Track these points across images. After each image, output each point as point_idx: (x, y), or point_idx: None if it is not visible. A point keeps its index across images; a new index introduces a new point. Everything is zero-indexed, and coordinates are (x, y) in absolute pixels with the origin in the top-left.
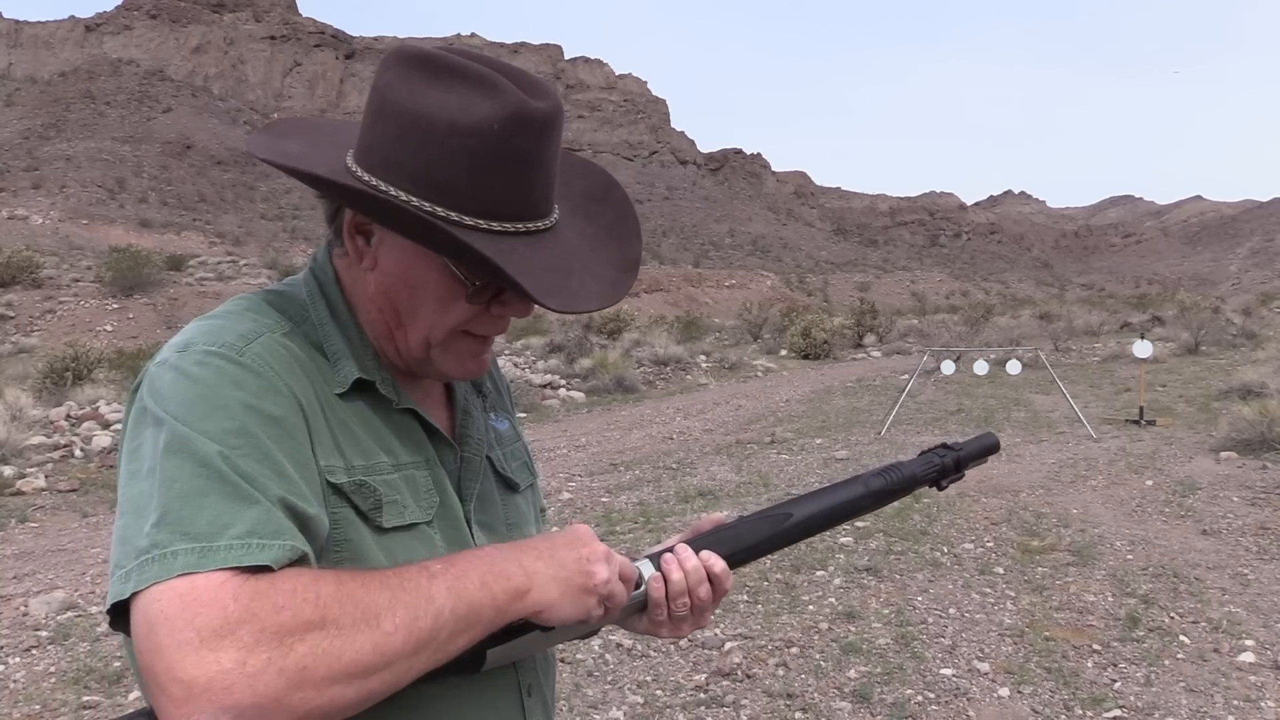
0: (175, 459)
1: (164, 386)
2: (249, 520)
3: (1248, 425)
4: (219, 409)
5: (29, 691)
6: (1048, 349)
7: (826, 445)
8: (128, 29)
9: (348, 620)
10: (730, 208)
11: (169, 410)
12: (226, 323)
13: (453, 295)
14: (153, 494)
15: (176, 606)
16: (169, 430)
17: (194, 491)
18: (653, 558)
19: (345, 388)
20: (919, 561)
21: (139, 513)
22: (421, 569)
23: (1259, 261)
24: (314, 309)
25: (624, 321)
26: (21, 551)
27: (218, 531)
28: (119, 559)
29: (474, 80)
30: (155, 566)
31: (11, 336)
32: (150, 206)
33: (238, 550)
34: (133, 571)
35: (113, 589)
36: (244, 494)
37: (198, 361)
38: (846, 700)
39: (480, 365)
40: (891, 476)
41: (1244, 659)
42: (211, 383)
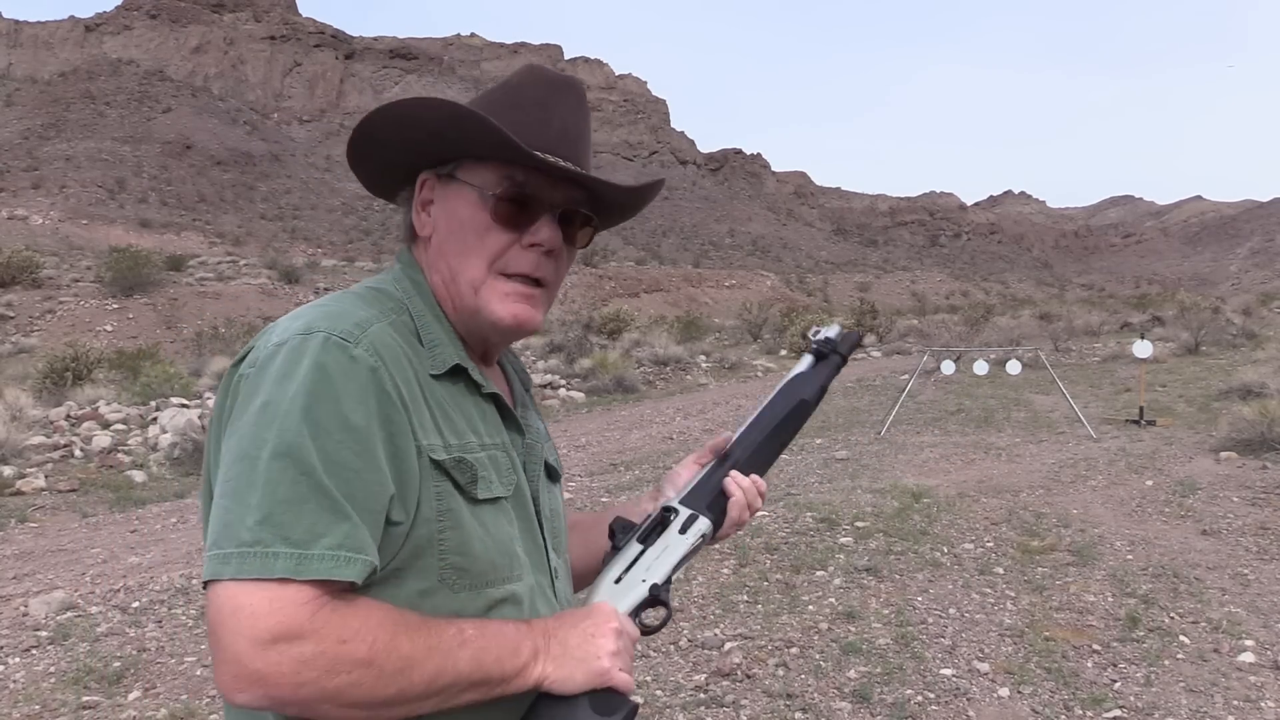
0: (282, 463)
1: (283, 370)
2: (340, 534)
3: (1248, 425)
4: (330, 413)
5: (29, 691)
6: (1048, 349)
7: (826, 445)
8: (127, 29)
9: (389, 668)
10: (730, 208)
11: (283, 403)
12: (344, 308)
13: (486, 223)
14: (257, 487)
15: (264, 607)
16: (279, 430)
17: (295, 498)
18: (689, 499)
19: (443, 370)
20: (919, 561)
21: (241, 501)
22: (457, 632)
23: (1259, 261)
24: (412, 303)
25: (624, 321)
26: (21, 551)
27: (313, 540)
28: (217, 539)
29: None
30: (256, 562)
31: (11, 336)
32: (150, 206)
33: (328, 562)
34: (233, 557)
35: (212, 566)
36: (338, 508)
37: (317, 348)
38: (846, 700)
39: (528, 311)
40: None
41: (1244, 659)
42: (327, 379)
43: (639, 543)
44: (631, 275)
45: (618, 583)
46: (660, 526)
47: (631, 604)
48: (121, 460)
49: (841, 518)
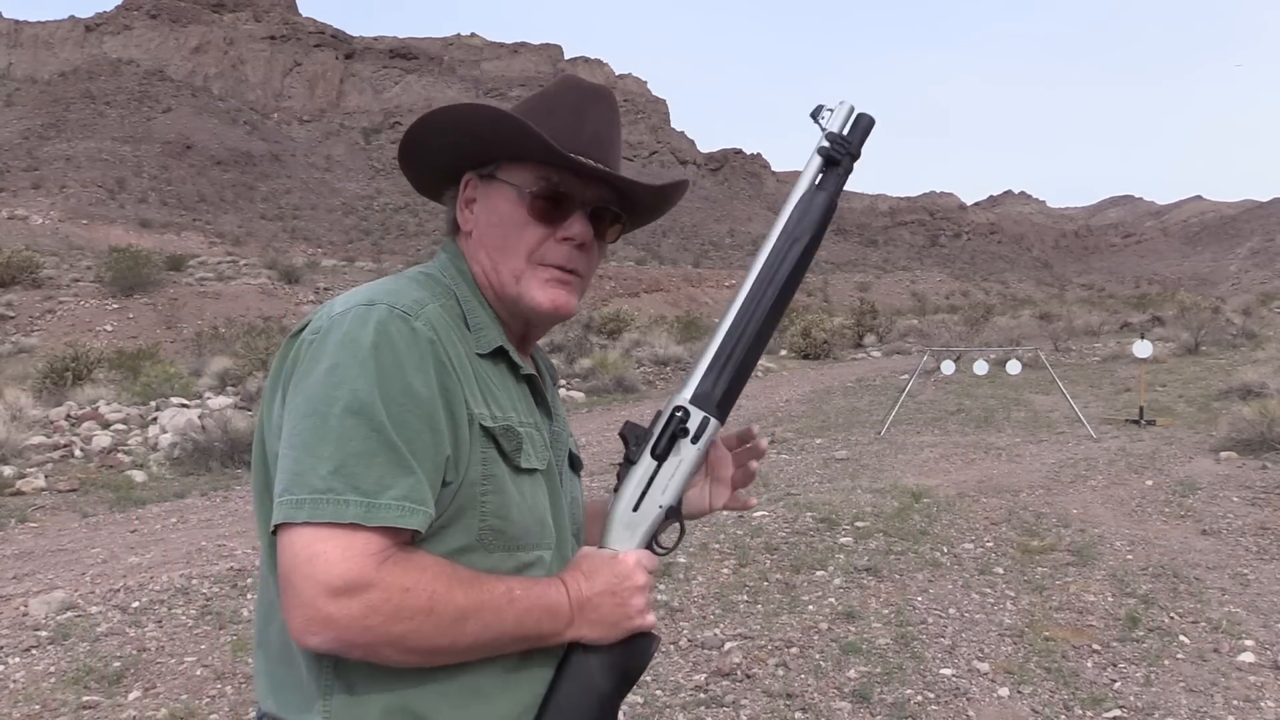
0: (354, 419)
1: (350, 335)
2: (405, 486)
3: (1248, 425)
4: (396, 378)
5: (29, 691)
6: (1048, 349)
7: (826, 445)
8: (128, 29)
9: (445, 617)
10: (730, 208)
11: (353, 365)
12: (401, 287)
13: (524, 219)
14: (329, 440)
15: (337, 554)
16: (351, 390)
17: (366, 452)
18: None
19: (487, 350)
20: (919, 561)
21: (313, 452)
22: (506, 590)
23: (1259, 261)
24: (459, 289)
25: (624, 321)
26: (21, 551)
27: (381, 490)
28: (289, 486)
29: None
30: (329, 508)
31: (11, 336)
32: (150, 206)
33: (394, 511)
34: (306, 503)
35: (284, 510)
36: (404, 462)
37: (382, 318)
38: (846, 700)
39: (565, 296)
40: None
41: (1244, 659)
42: (391, 346)
43: (653, 457)
44: (631, 275)
45: (635, 510)
46: (674, 436)
47: (649, 532)
48: (121, 460)
49: (841, 518)
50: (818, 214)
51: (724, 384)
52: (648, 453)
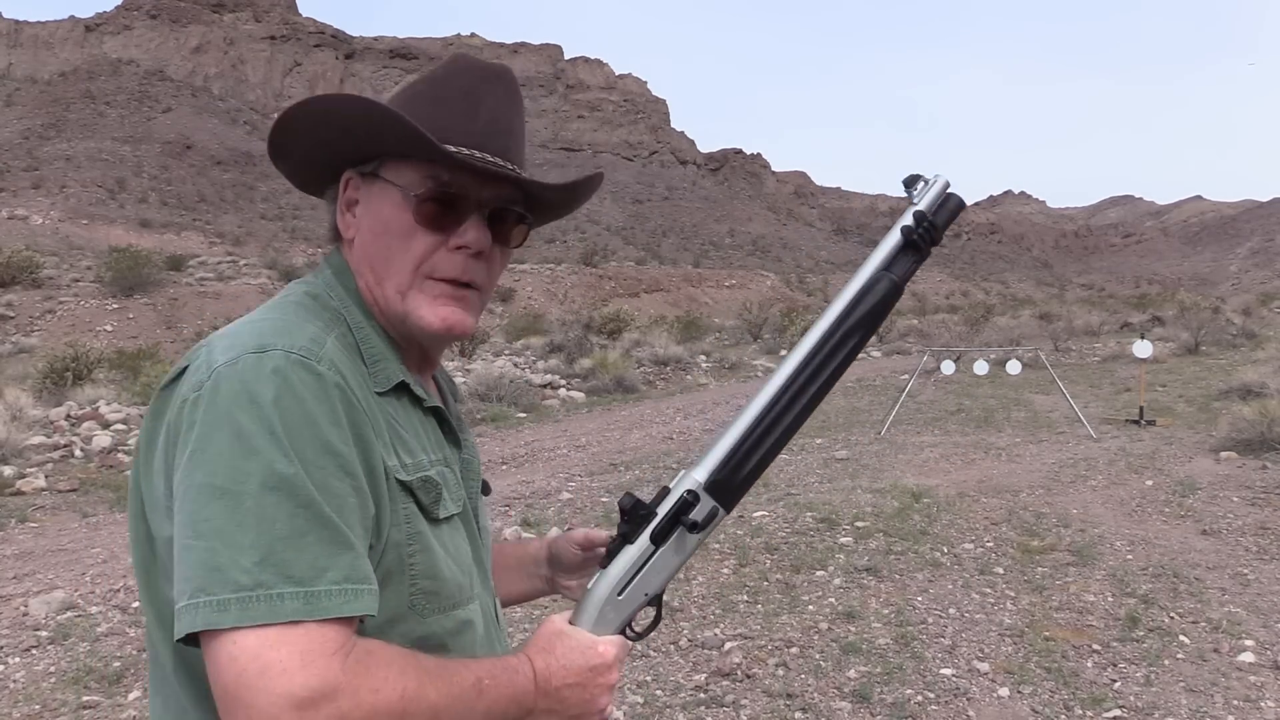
0: (273, 496)
1: (247, 393)
2: (344, 565)
3: (1248, 425)
4: (310, 438)
5: (29, 691)
6: (1048, 349)
7: (826, 445)
8: (128, 29)
9: (416, 715)
10: (730, 208)
11: (258, 431)
12: (289, 321)
13: (410, 225)
14: (249, 525)
15: (296, 662)
16: (264, 461)
17: (294, 532)
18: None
19: (387, 388)
20: (919, 561)
21: (230, 541)
22: (475, 682)
23: (1259, 261)
24: (349, 313)
25: (624, 321)
26: (21, 551)
27: (317, 575)
28: (206, 584)
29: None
30: (261, 606)
31: (11, 336)
32: (150, 206)
33: (338, 598)
34: (233, 603)
35: (204, 613)
36: (339, 537)
37: (280, 367)
38: (846, 700)
39: (458, 314)
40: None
41: (1244, 659)
42: (298, 400)
43: (651, 541)
44: (631, 275)
45: (620, 595)
46: (678, 522)
47: (629, 618)
48: (122, 460)
49: (841, 518)
50: (879, 301)
51: (743, 474)
52: (646, 535)
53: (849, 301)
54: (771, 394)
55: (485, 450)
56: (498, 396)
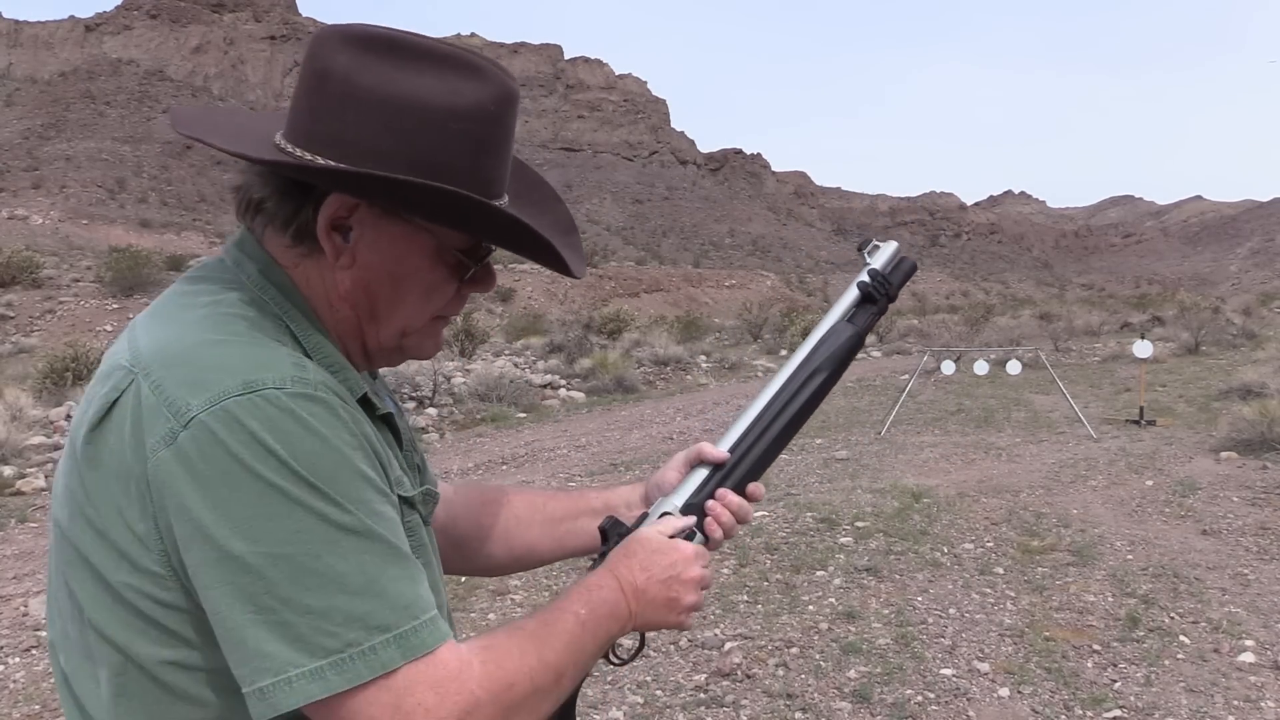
0: (335, 549)
1: (263, 441)
2: (415, 590)
3: (1248, 425)
4: (345, 475)
5: (29, 691)
6: (1048, 349)
7: (826, 445)
8: (128, 29)
9: (547, 685)
10: (730, 208)
11: (290, 480)
12: (253, 343)
13: (441, 280)
14: (316, 588)
15: (433, 699)
16: (313, 513)
17: (367, 581)
18: (690, 506)
19: (353, 399)
20: (919, 561)
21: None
22: (575, 618)
23: (1259, 261)
24: (291, 320)
25: (624, 321)
26: (21, 551)
27: (400, 616)
28: (291, 658)
29: (449, 61)
30: (359, 665)
31: (11, 336)
32: (150, 206)
33: (425, 630)
34: (326, 670)
35: (301, 688)
36: (407, 570)
37: (282, 408)
38: (846, 700)
39: (440, 343)
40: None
41: (1244, 659)
42: (318, 437)
43: None
44: (631, 275)
45: None
46: None
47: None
48: None
49: (841, 518)
50: (843, 347)
51: (702, 508)
52: None
53: (814, 347)
54: (743, 430)
55: (485, 450)
56: (498, 396)
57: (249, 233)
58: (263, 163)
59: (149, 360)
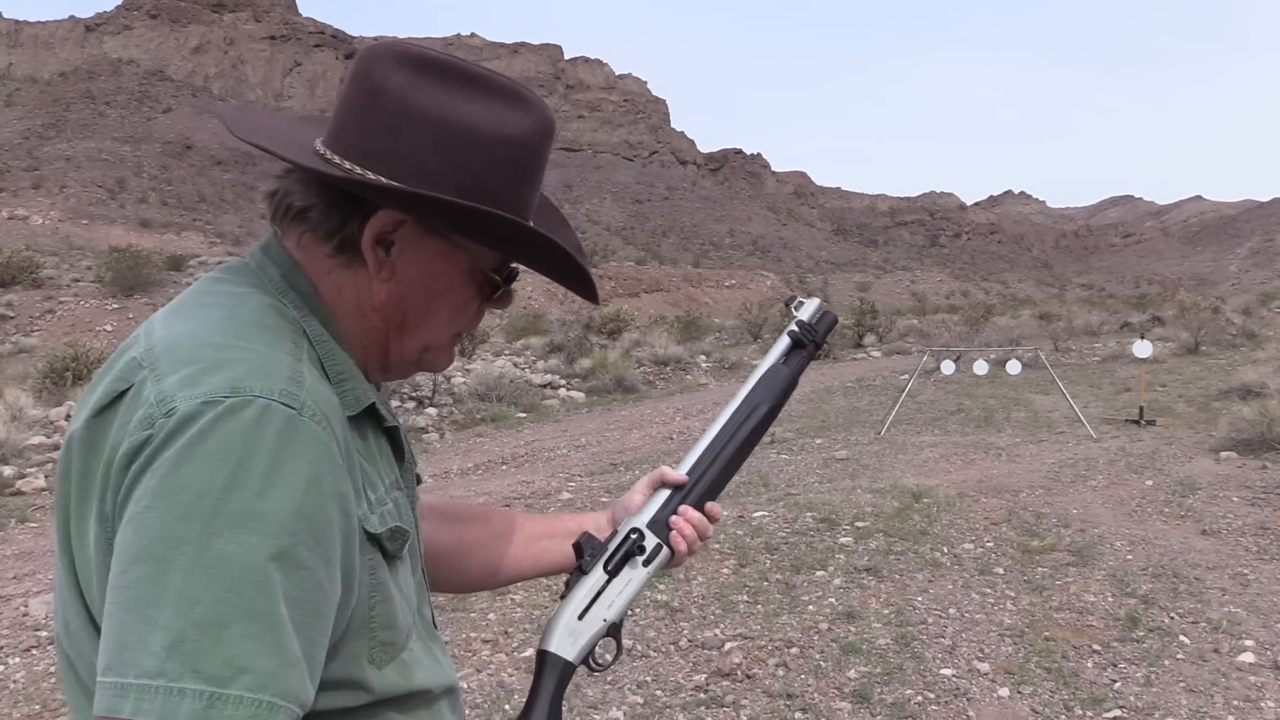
0: (205, 573)
1: (220, 448)
2: (265, 671)
3: (1248, 425)
4: (283, 508)
5: (29, 691)
6: (1048, 349)
7: (826, 445)
8: (128, 29)
9: None
10: (730, 208)
11: (217, 491)
12: (258, 349)
13: (470, 298)
14: (166, 602)
15: None
16: (205, 528)
17: (215, 620)
18: (655, 524)
19: (357, 411)
20: (919, 561)
21: (144, 616)
22: None
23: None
24: (309, 325)
25: (624, 321)
26: (21, 551)
27: (231, 676)
28: (113, 662)
29: (498, 90)
30: (157, 700)
31: (11, 336)
32: (150, 206)
33: (247, 707)
34: (131, 690)
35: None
36: (276, 639)
37: (256, 421)
38: (846, 700)
39: (453, 358)
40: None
41: (1244, 659)
42: (276, 459)
43: (605, 570)
44: (631, 275)
45: (580, 619)
46: (627, 555)
47: (591, 642)
48: None
49: (841, 518)
50: (781, 384)
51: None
52: (600, 566)
53: (755, 384)
54: (698, 456)
55: (485, 450)
56: (498, 396)
57: (275, 237)
58: (331, 178)
59: (159, 355)
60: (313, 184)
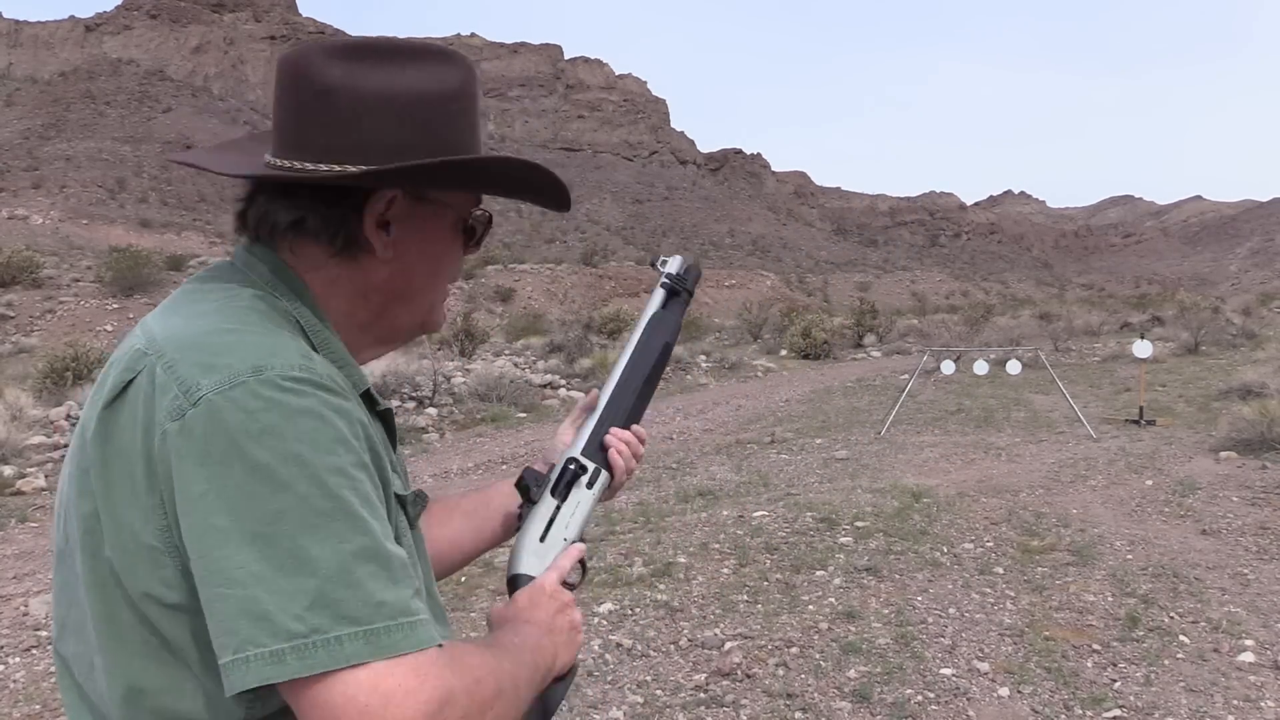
0: (314, 534)
1: (264, 423)
2: (398, 598)
3: (1248, 425)
4: (336, 464)
5: (29, 691)
6: (1048, 349)
7: (826, 445)
8: (128, 29)
9: (509, 691)
10: (730, 208)
11: (283, 461)
12: (263, 332)
13: (458, 248)
14: (290, 569)
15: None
16: (297, 496)
17: (341, 570)
18: (588, 451)
19: (360, 391)
20: (919, 561)
21: (272, 587)
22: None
23: (1259, 261)
24: (301, 315)
25: (624, 321)
26: (21, 551)
27: (373, 612)
28: (253, 635)
29: (423, 53)
30: (321, 653)
31: (11, 336)
32: (150, 206)
33: (396, 632)
34: (287, 654)
35: (258, 669)
36: (390, 569)
37: (285, 390)
38: (846, 700)
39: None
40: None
41: (1244, 659)
42: (318, 420)
43: (553, 496)
44: (631, 275)
45: (542, 541)
46: (570, 480)
47: (554, 559)
48: None
49: (841, 518)
50: (670, 326)
51: (601, 449)
52: (548, 494)
53: (646, 326)
54: (613, 389)
55: (485, 450)
56: (498, 396)
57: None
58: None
59: (164, 344)
60: (302, 194)
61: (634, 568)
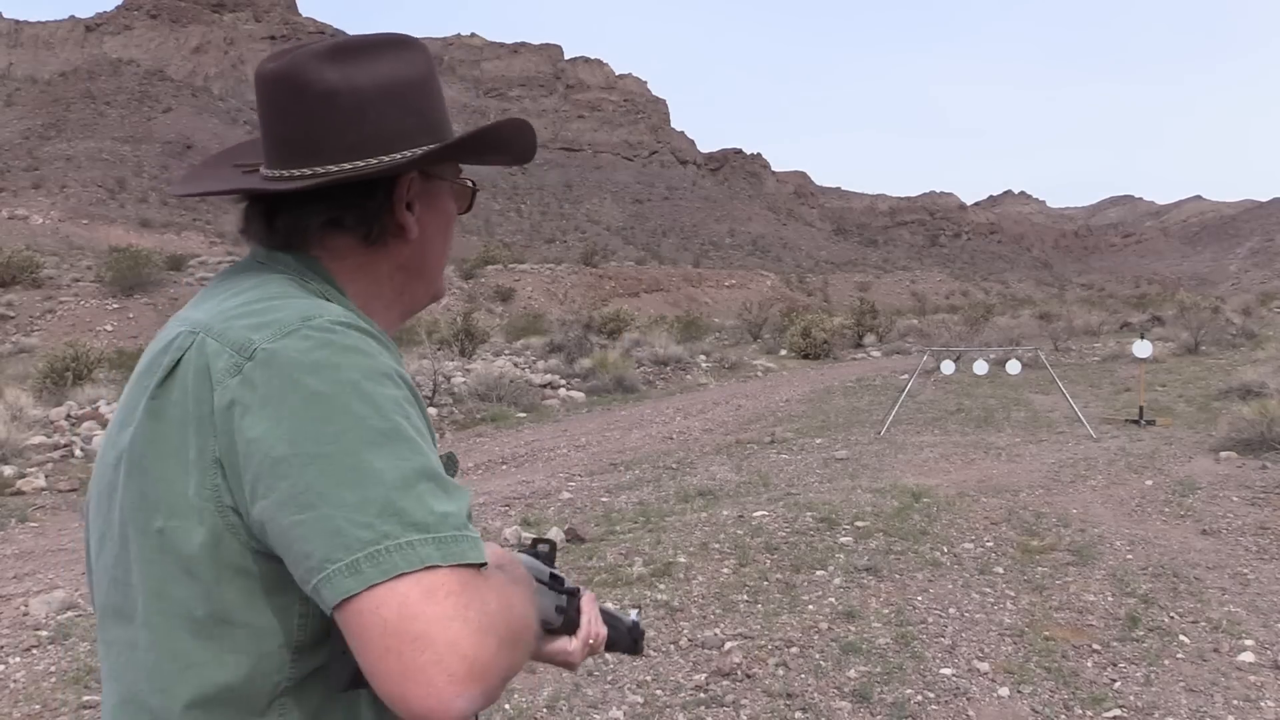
0: (374, 451)
1: (317, 358)
2: (456, 512)
3: (1247, 425)
4: (388, 393)
5: (29, 691)
6: (1047, 349)
7: (826, 445)
8: (128, 29)
9: (526, 628)
10: (730, 208)
11: (339, 390)
12: (305, 296)
13: (454, 216)
14: (354, 484)
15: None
16: (355, 418)
17: (404, 483)
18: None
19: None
20: (919, 561)
21: (338, 503)
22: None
23: (1259, 261)
24: (332, 298)
25: (624, 321)
26: (22, 551)
27: (439, 521)
28: (329, 552)
29: (392, 42)
30: (395, 557)
31: (11, 336)
32: (150, 206)
33: (463, 543)
34: (363, 563)
35: (339, 582)
36: (446, 485)
37: (337, 331)
38: (846, 700)
39: None
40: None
41: (1244, 659)
42: (367, 355)
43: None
44: (631, 275)
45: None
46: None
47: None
48: None
49: (841, 517)
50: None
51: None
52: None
53: None
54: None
55: (485, 450)
56: (498, 396)
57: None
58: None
59: (209, 321)
60: (334, 195)
61: (634, 567)
